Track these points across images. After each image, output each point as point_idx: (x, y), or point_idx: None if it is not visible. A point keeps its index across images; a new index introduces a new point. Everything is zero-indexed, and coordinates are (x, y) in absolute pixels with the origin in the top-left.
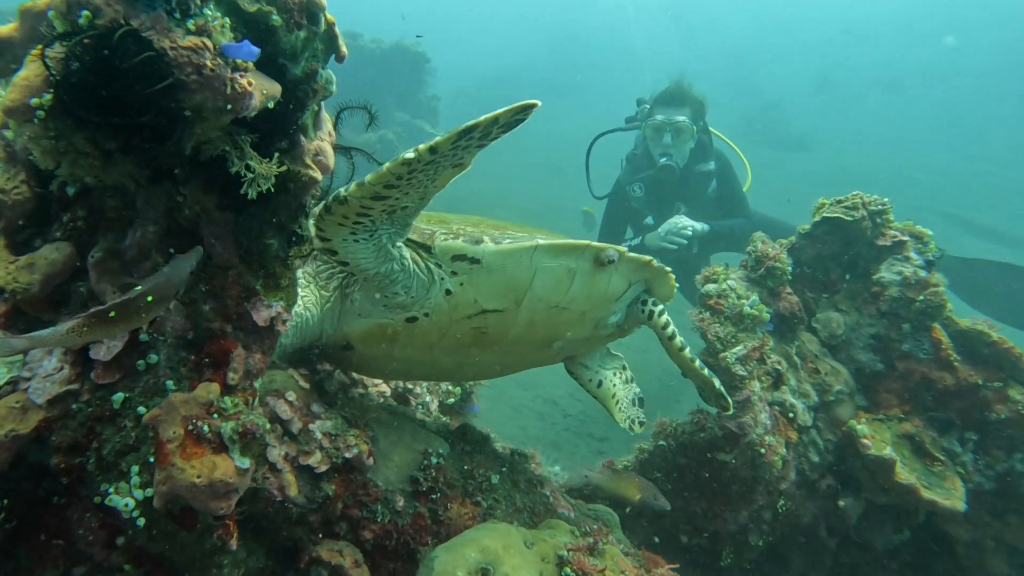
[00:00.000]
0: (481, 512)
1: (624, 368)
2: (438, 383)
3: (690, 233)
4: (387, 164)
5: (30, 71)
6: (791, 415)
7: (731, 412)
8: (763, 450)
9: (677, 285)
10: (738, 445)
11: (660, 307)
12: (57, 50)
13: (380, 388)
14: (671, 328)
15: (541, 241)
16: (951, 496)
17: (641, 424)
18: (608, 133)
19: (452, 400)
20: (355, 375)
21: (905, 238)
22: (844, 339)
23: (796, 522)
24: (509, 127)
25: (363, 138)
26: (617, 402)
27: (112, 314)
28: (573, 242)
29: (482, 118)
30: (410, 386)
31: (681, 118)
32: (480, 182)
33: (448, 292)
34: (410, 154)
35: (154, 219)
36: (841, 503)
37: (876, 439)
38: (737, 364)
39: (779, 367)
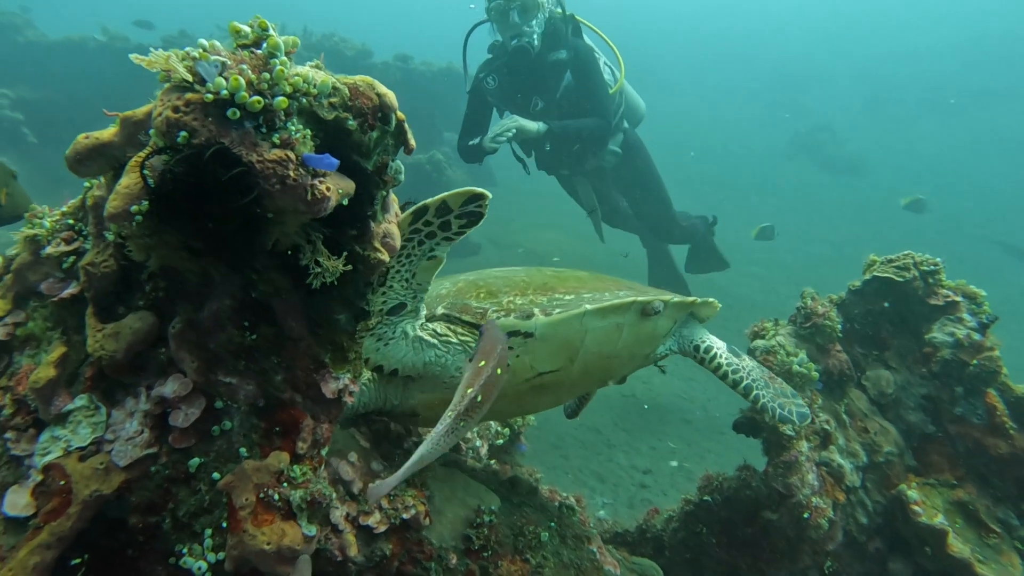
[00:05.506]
0: (530, 570)
1: None
2: (489, 427)
3: (512, 132)
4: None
5: (130, 180)
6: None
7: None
8: (808, 514)
9: (719, 305)
10: (784, 504)
11: (712, 351)
12: (156, 162)
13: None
14: (724, 369)
15: (589, 307)
16: (1008, 573)
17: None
18: (479, 25)
19: (501, 441)
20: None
21: (958, 298)
22: (894, 398)
23: None
24: (470, 218)
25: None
26: None
27: None
28: (619, 301)
29: (430, 200)
30: None
31: None
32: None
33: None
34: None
35: (230, 293)
36: (890, 567)
37: (927, 505)
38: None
39: (827, 426)
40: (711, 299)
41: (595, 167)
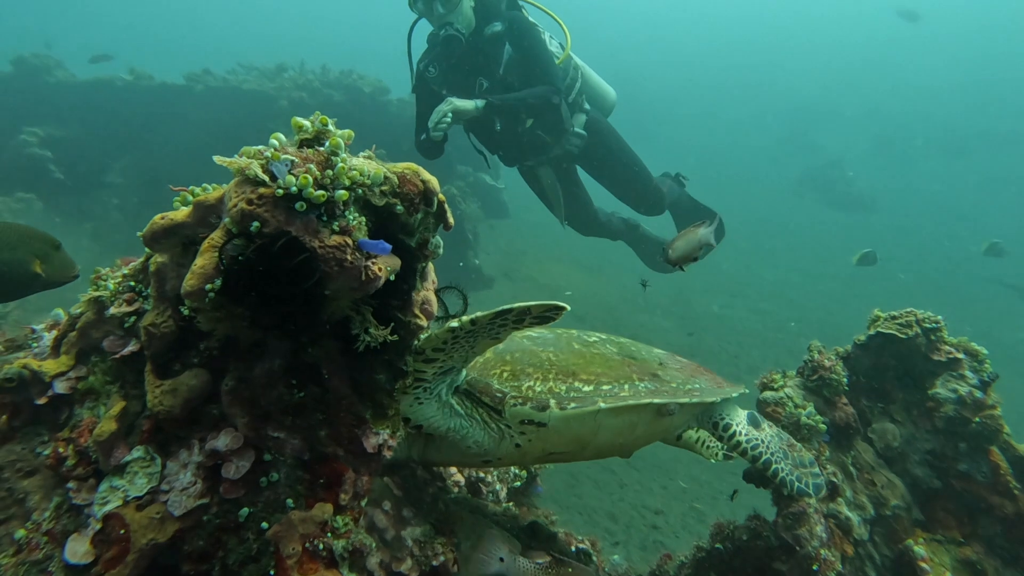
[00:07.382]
0: None
1: None
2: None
3: (449, 119)
4: (433, 331)
5: (205, 260)
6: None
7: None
8: (817, 566)
9: (747, 390)
10: (793, 556)
11: (731, 429)
12: (229, 248)
13: (455, 478)
14: (744, 446)
15: (603, 405)
16: None
17: (727, 457)
18: (419, 20)
19: (519, 483)
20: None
21: (960, 355)
22: (900, 451)
23: None
24: (542, 320)
25: None
26: (701, 443)
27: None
28: (635, 402)
29: (516, 305)
30: (481, 474)
31: None
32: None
33: (517, 446)
34: (454, 323)
35: (281, 354)
36: None
37: (935, 563)
38: None
39: (835, 479)
40: (733, 392)
41: (562, 153)
